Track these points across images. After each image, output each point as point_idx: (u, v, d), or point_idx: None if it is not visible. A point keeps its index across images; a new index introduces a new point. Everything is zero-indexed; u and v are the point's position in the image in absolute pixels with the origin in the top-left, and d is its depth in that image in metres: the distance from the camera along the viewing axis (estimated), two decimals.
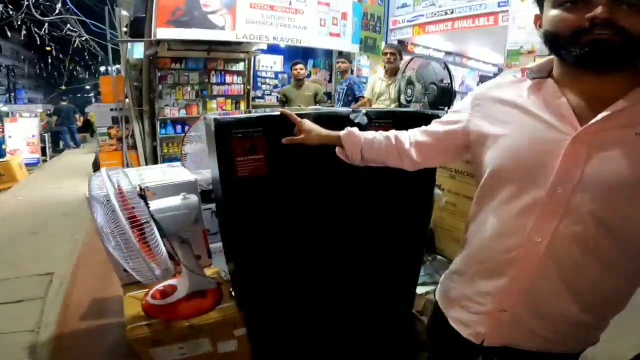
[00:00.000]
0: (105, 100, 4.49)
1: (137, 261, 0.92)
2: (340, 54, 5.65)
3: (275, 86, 5.99)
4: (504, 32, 3.45)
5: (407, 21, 4.30)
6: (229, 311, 1.20)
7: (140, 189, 1.10)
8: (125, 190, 0.99)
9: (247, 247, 1.15)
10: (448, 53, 6.21)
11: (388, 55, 3.19)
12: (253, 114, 1.08)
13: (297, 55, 5.67)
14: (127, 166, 4.36)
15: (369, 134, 0.96)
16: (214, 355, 1.18)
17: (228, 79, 5.17)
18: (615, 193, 0.60)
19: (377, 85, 3.42)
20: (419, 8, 4.15)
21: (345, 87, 3.95)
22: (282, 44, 4.08)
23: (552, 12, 0.62)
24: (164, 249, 0.98)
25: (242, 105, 5.46)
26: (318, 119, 1.12)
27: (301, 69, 4.02)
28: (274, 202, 1.13)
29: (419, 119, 1.37)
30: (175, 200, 1.16)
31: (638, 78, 0.60)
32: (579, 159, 0.61)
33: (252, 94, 5.60)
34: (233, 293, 1.30)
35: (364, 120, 1.22)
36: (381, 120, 1.22)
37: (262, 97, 5.95)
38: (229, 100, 5.27)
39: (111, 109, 4.42)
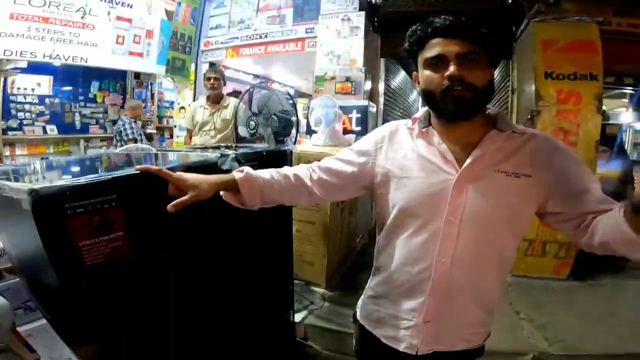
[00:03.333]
0: None
1: None
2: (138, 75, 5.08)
3: (41, 113, 4.70)
4: (307, 57, 3.99)
5: (221, 43, 4.31)
6: None
7: None
8: None
9: (117, 335, 0.89)
10: (256, 76, 6.66)
11: (212, 81, 3.03)
12: (101, 176, 0.79)
13: (75, 74, 4.66)
14: None
15: (266, 174, 0.94)
16: None
17: None
18: (485, 219, 0.82)
19: (198, 113, 3.20)
20: (233, 30, 4.23)
21: None
22: (59, 63, 3.25)
23: (425, 72, 0.81)
24: None
25: None
26: (187, 170, 1.00)
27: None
28: (145, 284, 0.91)
29: (281, 157, 1.50)
30: None
31: (486, 120, 0.85)
32: (461, 195, 0.81)
33: (2, 124, 4.20)
34: None
35: (235, 165, 1.16)
36: (249, 162, 1.20)
37: (19, 129, 4.54)
38: None
39: None
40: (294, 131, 2.25)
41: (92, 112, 5.11)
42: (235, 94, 4.18)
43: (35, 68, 4.08)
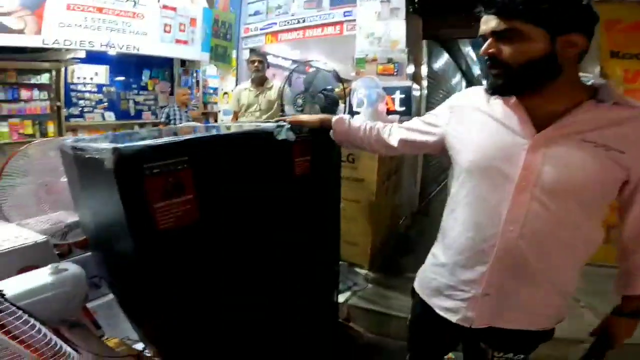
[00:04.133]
0: None
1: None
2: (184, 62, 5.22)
3: (100, 101, 4.98)
4: (345, 41, 3.90)
5: (260, 29, 4.33)
6: None
7: None
8: None
9: (177, 308, 0.91)
10: (295, 61, 6.64)
11: (256, 64, 3.09)
12: (173, 138, 0.80)
13: (128, 64, 4.89)
14: None
15: (356, 122, 1.12)
16: None
17: (24, 94, 4.01)
18: (563, 189, 0.74)
19: (243, 96, 3.27)
20: (271, 16, 4.22)
21: None
22: (114, 52, 3.41)
23: None
24: (55, 338, 0.68)
25: (51, 127, 4.32)
26: (245, 137, 1.07)
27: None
28: (210, 253, 0.93)
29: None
30: (40, 277, 0.82)
31: (581, 89, 0.76)
32: (536, 159, 0.75)
33: (64, 112, 4.49)
34: None
35: (290, 134, 1.15)
36: (302, 134, 1.20)
37: (80, 116, 4.86)
38: (29, 122, 4.11)
39: None
40: (341, 108, 2.22)
41: (144, 99, 5.36)
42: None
43: (92, 58, 4.32)
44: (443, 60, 4.73)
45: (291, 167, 1.18)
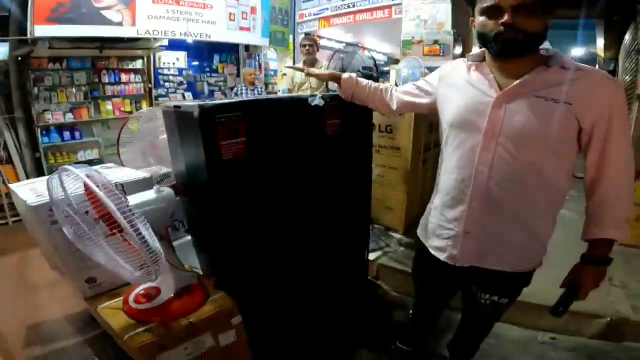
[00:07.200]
0: None
1: (134, 258, 0.88)
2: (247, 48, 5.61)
3: (181, 83, 5.60)
4: (395, 24, 3.93)
5: (313, 14, 4.53)
6: (221, 301, 1.19)
7: (116, 184, 0.97)
8: (103, 184, 0.88)
9: (233, 228, 1.19)
10: (348, 44, 6.71)
11: (307, 47, 3.33)
12: (231, 100, 1.11)
13: (202, 50, 5.41)
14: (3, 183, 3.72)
15: (364, 82, 1.26)
16: (216, 350, 1.15)
17: (124, 77, 4.69)
18: (520, 135, 0.87)
19: (297, 76, 3.57)
20: (324, 1, 4.42)
21: None
22: (191, 40, 3.87)
23: (480, 19, 0.88)
24: (157, 244, 0.93)
25: (144, 105, 5.00)
26: (286, 104, 1.31)
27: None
28: (254, 183, 1.19)
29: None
30: (149, 194, 1.10)
31: (538, 58, 0.88)
32: (499, 113, 0.89)
33: (154, 92, 5.16)
34: (216, 283, 1.29)
35: (321, 102, 1.35)
36: (332, 101, 1.38)
37: (166, 96, 5.49)
38: (128, 101, 4.80)
39: None
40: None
41: (215, 81, 5.85)
42: None
43: (173, 45, 4.85)
44: None
45: (324, 127, 1.38)
